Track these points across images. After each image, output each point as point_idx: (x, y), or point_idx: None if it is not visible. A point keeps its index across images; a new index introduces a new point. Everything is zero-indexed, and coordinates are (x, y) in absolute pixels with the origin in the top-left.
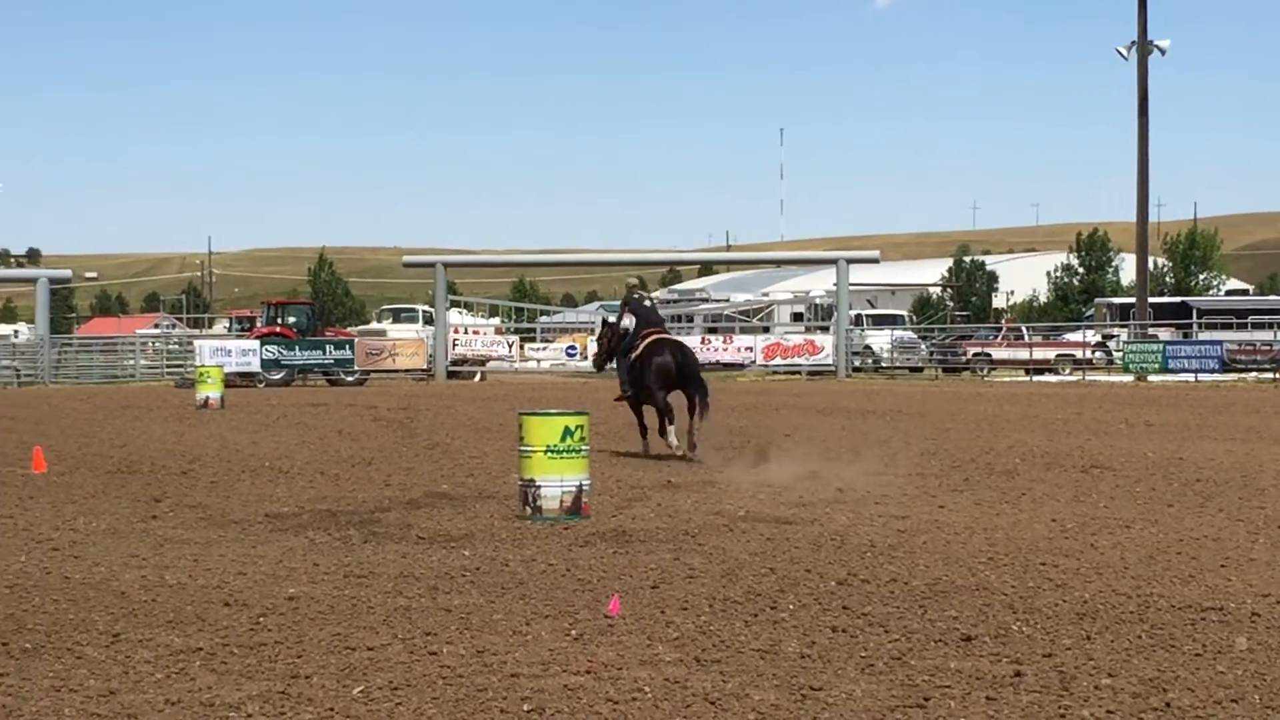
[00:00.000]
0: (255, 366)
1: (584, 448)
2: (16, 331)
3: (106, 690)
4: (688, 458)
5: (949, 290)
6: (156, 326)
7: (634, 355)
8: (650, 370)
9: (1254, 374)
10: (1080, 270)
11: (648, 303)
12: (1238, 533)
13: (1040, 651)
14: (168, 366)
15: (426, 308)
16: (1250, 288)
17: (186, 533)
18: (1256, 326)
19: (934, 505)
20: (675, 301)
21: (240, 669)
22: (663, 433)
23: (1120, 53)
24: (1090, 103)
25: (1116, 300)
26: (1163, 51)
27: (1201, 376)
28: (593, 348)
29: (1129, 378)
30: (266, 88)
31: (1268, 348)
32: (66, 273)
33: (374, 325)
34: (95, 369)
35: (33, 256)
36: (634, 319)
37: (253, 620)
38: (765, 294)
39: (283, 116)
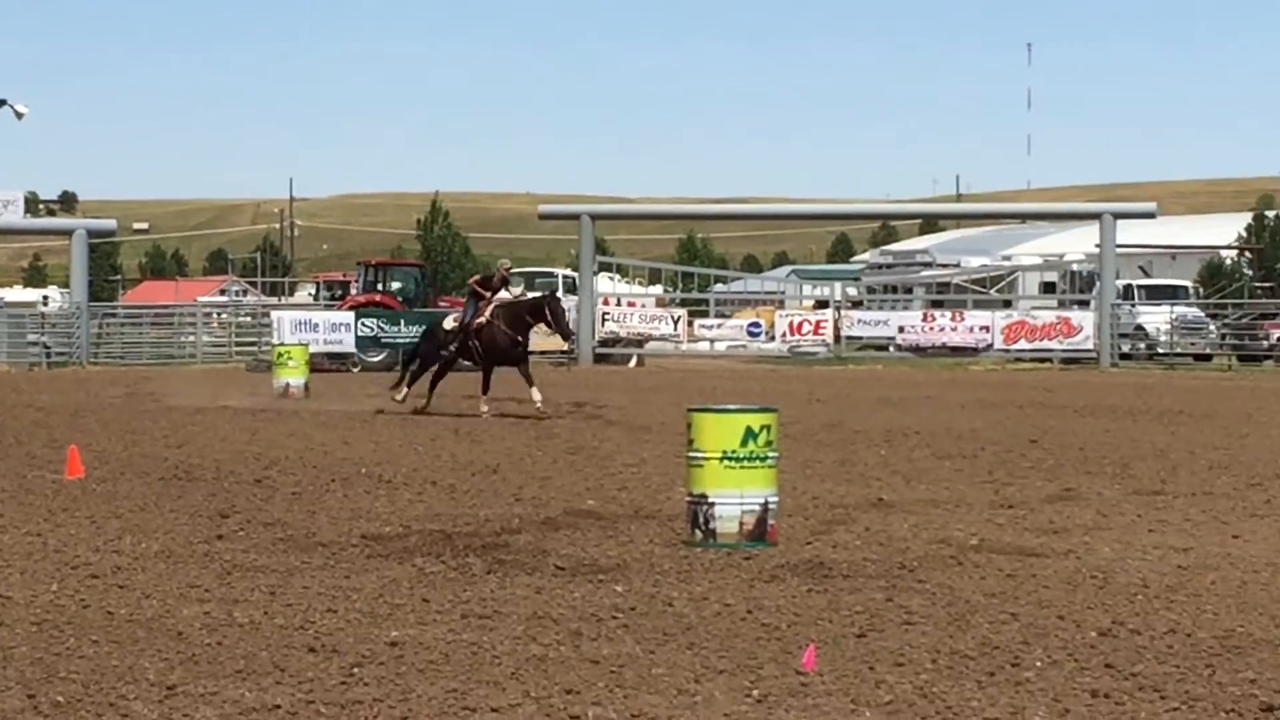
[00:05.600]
0: (349, 346)
1: (771, 455)
2: (46, 298)
3: None
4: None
5: (1246, 255)
6: (224, 293)
7: None
8: None
9: None
10: None
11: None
12: None
13: None
14: (237, 344)
15: (568, 272)
16: None
17: (261, 558)
18: None
19: (1225, 534)
20: (889, 267)
21: None
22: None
23: None
24: None
25: None
26: None
27: None
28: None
29: None
30: None
31: None
32: (110, 223)
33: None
34: (145, 346)
35: (67, 202)
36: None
37: (345, 671)
38: (1006, 258)
39: (386, 22)
